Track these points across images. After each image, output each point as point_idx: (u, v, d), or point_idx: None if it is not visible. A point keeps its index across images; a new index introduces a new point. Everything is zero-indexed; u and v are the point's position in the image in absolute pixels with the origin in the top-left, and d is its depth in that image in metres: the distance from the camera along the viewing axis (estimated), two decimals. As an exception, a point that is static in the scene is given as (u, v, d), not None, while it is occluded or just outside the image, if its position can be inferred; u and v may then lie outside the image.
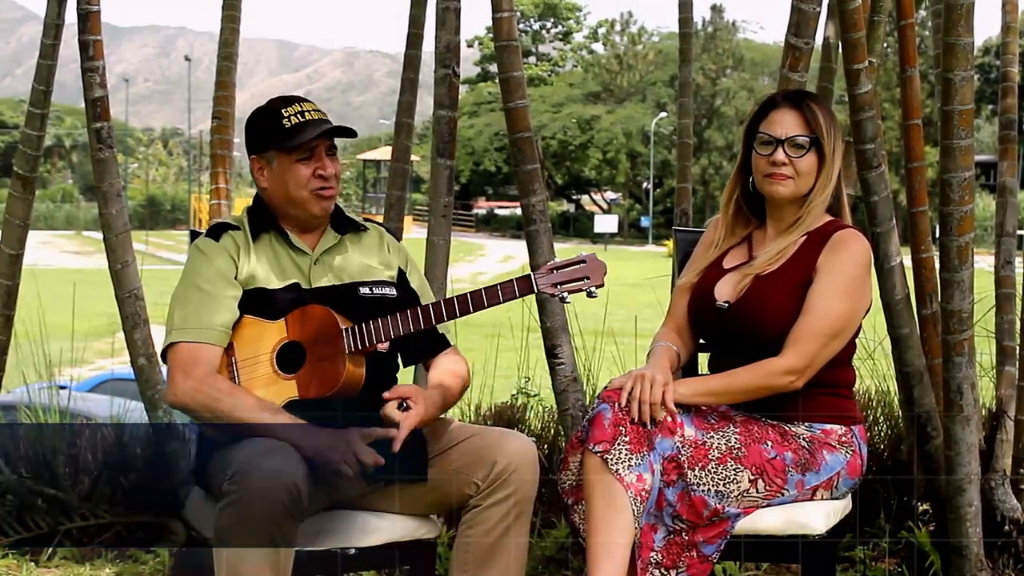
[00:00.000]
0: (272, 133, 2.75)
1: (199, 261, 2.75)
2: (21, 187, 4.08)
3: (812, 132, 2.75)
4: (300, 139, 2.72)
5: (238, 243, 2.78)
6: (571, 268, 2.64)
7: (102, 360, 9.53)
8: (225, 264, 2.74)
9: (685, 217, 4.30)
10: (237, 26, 4.17)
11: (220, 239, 2.77)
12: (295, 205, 2.78)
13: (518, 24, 3.75)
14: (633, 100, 55.53)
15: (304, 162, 2.75)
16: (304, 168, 2.75)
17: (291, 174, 2.75)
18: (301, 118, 2.74)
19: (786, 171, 2.76)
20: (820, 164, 2.76)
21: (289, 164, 2.75)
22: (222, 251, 2.75)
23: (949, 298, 3.20)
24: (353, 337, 2.66)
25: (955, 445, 3.25)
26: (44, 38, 4.01)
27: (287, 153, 2.75)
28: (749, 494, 2.65)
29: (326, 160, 2.77)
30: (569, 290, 2.63)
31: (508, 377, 4.71)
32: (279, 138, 2.74)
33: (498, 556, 2.65)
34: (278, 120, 2.75)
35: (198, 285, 2.72)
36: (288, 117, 2.74)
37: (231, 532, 2.42)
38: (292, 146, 2.73)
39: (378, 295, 2.81)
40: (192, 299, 2.71)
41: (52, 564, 4.01)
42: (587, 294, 2.63)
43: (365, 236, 2.91)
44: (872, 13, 3.74)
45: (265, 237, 2.80)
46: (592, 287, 2.63)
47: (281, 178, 2.77)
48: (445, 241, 3.83)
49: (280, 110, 2.76)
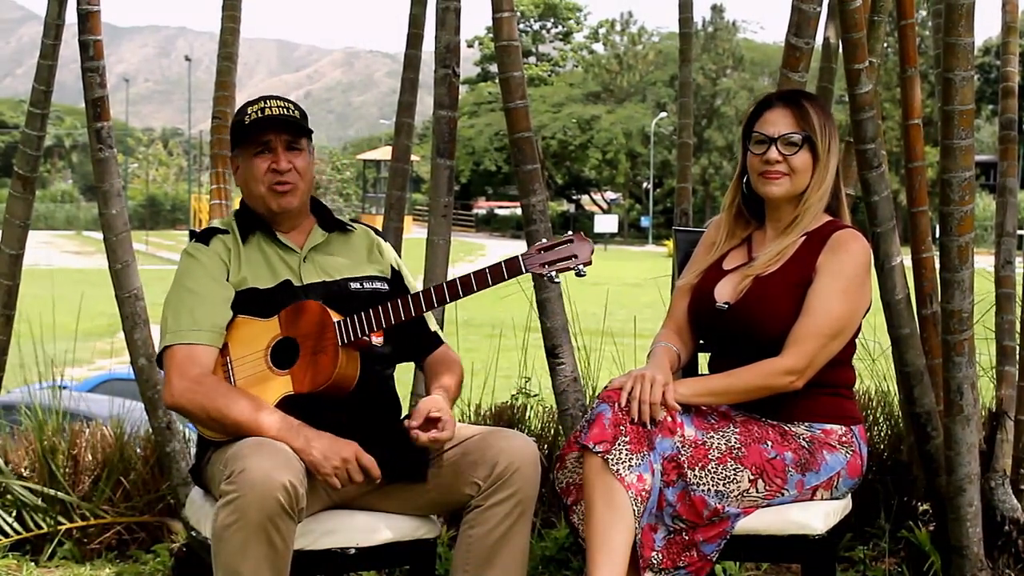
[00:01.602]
0: (236, 131, 2.83)
1: (190, 265, 2.78)
2: (21, 187, 4.08)
3: (804, 130, 2.76)
4: (251, 133, 2.78)
5: (228, 246, 2.81)
6: (559, 248, 2.64)
7: (102, 360, 9.53)
8: (216, 267, 2.76)
9: (685, 217, 4.30)
10: (237, 26, 4.16)
11: (210, 243, 2.81)
12: (257, 201, 2.83)
13: (518, 24, 3.75)
14: (633, 100, 55.53)
15: (260, 156, 2.80)
16: (260, 162, 2.80)
17: (249, 169, 2.82)
18: (260, 114, 2.80)
19: (780, 168, 2.77)
20: (815, 162, 2.77)
21: (248, 159, 2.82)
22: (212, 254, 2.78)
23: (949, 298, 3.20)
24: (345, 329, 2.66)
25: (955, 445, 3.24)
26: (44, 38, 4.01)
27: (245, 148, 2.82)
28: (749, 494, 2.65)
29: (281, 154, 2.79)
30: (558, 269, 2.62)
31: (508, 377, 4.71)
32: (240, 135, 2.82)
33: (499, 556, 2.65)
34: (241, 119, 2.82)
35: (190, 288, 2.74)
36: (249, 115, 2.81)
37: (229, 531, 2.42)
38: (248, 141, 2.80)
39: (370, 290, 2.83)
40: (185, 302, 2.72)
41: (52, 564, 4.01)
42: (575, 273, 2.62)
43: (353, 236, 2.94)
44: (872, 13, 3.74)
45: (253, 238, 2.83)
46: (580, 265, 2.62)
47: (245, 175, 2.84)
48: (445, 241, 3.83)
49: (245, 109, 2.84)
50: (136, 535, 4.17)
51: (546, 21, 71.64)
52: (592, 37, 67.86)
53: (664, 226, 50.43)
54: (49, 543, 4.07)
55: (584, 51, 68.41)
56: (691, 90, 4.46)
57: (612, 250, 43.00)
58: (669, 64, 53.22)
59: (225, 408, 2.61)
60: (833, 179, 2.81)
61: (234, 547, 2.42)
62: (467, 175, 56.48)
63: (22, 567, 3.94)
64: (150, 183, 64.97)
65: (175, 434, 3.93)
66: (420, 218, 46.67)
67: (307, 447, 2.55)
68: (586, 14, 72.67)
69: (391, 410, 2.86)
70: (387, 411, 2.84)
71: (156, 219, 59.67)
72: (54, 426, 4.32)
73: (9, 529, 4.04)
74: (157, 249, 39.97)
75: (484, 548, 2.66)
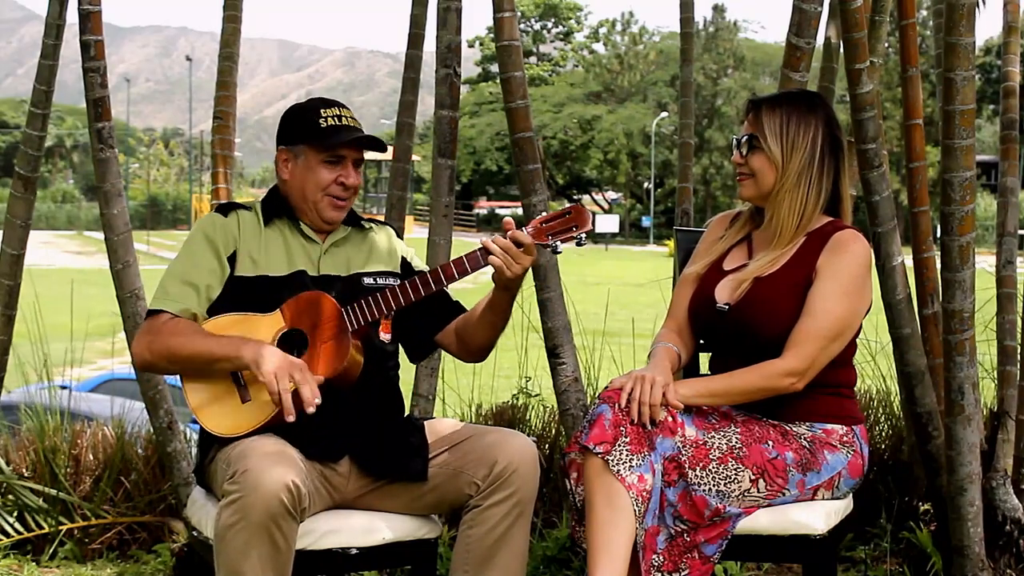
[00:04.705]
0: (307, 128, 2.81)
1: (197, 233, 2.81)
2: (22, 187, 4.09)
3: (752, 132, 2.81)
4: (331, 140, 2.77)
5: (246, 223, 2.82)
6: (559, 220, 2.67)
7: (103, 360, 9.53)
8: (223, 240, 2.78)
9: (686, 217, 4.30)
10: (238, 26, 4.17)
11: (228, 215, 2.83)
12: (309, 205, 2.82)
13: (519, 24, 3.75)
14: (634, 100, 55.53)
15: (329, 165, 2.80)
16: (328, 172, 2.80)
17: (314, 173, 2.80)
18: (338, 121, 2.79)
19: (743, 170, 2.84)
20: (776, 164, 2.78)
21: (315, 163, 2.80)
22: (225, 227, 2.80)
23: (950, 298, 3.20)
24: (353, 313, 2.68)
25: (956, 445, 3.24)
26: (45, 38, 4.01)
27: (316, 152, 2.80)
28: (750, 494, 2.65)
29: (351, 169, 2.82)
30: (561, 239, 2.65)
31: (509, 377, 4.71)
32: (312, 135, 2.79)
33: (499, 556, 2.65)
34: (315, 118, 2.80)
35: (192, 251, 2.77)
36: (325, 118, 2.80)
37: (232, 531, 2.42)
38: (323, 146, 2.78)
39: (382, 284, 2.83)
40: (176, 270, 2.76)
41: (53, 564, 4.01)
42: (576, 242, 2.66)
43: (373, 234, 2.96)
44: (873, 13, 3.74)
45: (277, 223, 2.85)
46: (581, 234, 2.65)
47: (304, 175, 2.82)
48: (446, 241, 3.83)
49: (319, 109, 2.82)
50: (137, 535, 4.17)
51: (547, 21, 71.65)
52: (593, 37, 67.90)
53: (665, 226, 50.43)
54: (50, 543, 4.07)
55: (585, 51, 68.42)
56: (692, 90, 4.46)
57: (613, 250, 42.99)
58: (670, 64, 53.24)
59: (178, 347, 2.65)
60: (818, 180, 2.78)
61: (236, 547, 2.42)
62: (468, 175, 56.51)
63: (23, 567, 3.94)
64: (151, 183, 64.96)
65: (176, 434, 3.93)
66: (421, 218, 46.68)
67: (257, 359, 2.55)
68: (587, 14, 72.71)
69: (394, 409, 2.86)
70: (390, 409, 2.84)
71: (157, 219, 59.68)
72: (55, 426, 4.32)
73: (10, 529, 4.05)
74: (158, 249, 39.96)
75: (483, 548, 2.66)
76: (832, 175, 2.81)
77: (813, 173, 2.78)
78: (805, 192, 2.78)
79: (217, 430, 2.67)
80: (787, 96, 2.86)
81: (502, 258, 2.63)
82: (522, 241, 2.63)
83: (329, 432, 2.69)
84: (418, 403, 3.82)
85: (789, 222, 2.78)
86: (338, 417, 2.70)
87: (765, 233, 2.87)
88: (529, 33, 69.01)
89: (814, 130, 2.78)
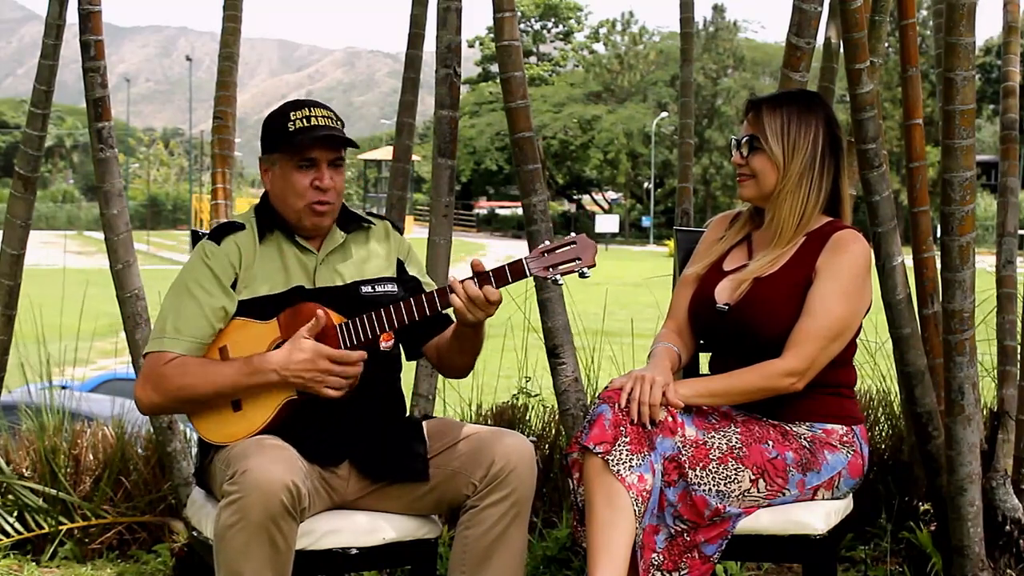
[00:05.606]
0: (278, 134, 2.73)
1: (195, 265, 2.74)
2: (22, 187, 4.09)
3: (753, 132, 2.81)
4: (296, 142, 2.69)
5: (241, 246, 2.75)
6: (562, 250, 2.62)
7: (104, 360, 9.53)
8: (222, 270, 2.72)
9: (686, 217, 4.30)
10: (238, 26, 4.17)
11: (222, 243, 2.75)
12: (290, 212, 2.76)
13: (519, 24, 3.75)
14: (634, 100, 55.51)
15: (303, 170, 2.72)
16: (302, 177, 2.72)
17: (289, 180, 2.73)
18: (306, 123, 2.70)
19: (744, 171, 2.84)
20: (778, 164, 2.78)
21: (289, 170, 2.73)
22: (222, 256, 2.73)
23: (950, 298, 3.20)
24: (349, 333, 2.65)
25: (956, 445, 3.24)
26: (45, 38, 4.01)
27: (288, 157, 2.73)
28: (750, 494, 2.65)
29: (325, 171, 2.72)
30: (562, 272, 2.61)
31: (509, 377, 4.71)
32: (282, 140, 2.72)
33: (496, 556, 2.65)
34: (285, 122, 2.72)
35: (190, 290, 2.71)
36: (294, 121, 2.71)
37: (232, 531, 2.42)
38: (292, 150, 2.71)
39: (380, 293, 2.80)
40: (174, 306, 2.71)
41: (53, 564, 4.01)
42: (579, 275, 2.61)
43: (371, 232, 2.90)
44: (873, 13, 3.74)
45: (272, 237, 2.78)
46: (584, 267, 2.60)
47: (282, 183, 2.75)
48: (446, 241, 3.83)
49: (289, 112, 2.73)
50: (137, 535, 4.17)
51: (547, 21, 71.61)
52: (593, 37, 67.85)
53: (665, 226, 50.42)
54: (50, 543, 4.07)
55: (585, 51, 68.39)
56: (692, 90, 4.46)
57: (613, 250, 42.99)
58: (670, 64, 53.22)
59: (188, 390, 2.63)
60: (819, 180, 2.79)
61: (236, 547, 2.42)
62: (468, 175, 56.48)
63: (23, 567, 3.94)
64: (151, 183, 64.97)
65: (176, 434, 3.93)
66: (421, 218, 46.68)
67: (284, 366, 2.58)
68: (587, 14, 72.66)
69: (395, 411, 2.85)
70: (391, 412, 2.83)
71: (157, 219, 59.70)
72: (55, 426, 4.32)
73: (10, 529, 4.05)
74: (158, 249, 39.97)
75: (480, 548, 2.65)
76: (832, 175, 2.82)
77: (814, 173, 2.78)
78: (806, 192, 2.78)
79: (213, 438, 2.68)
80: (787, 96, 2.86)
81: (466, 304, 2.61)
82: (491, 299, 2.60)
83: (330, 437, 2.69)
84: (418, 403, 3.82)
85: (789, 222, 2.79)
86: (340, 423, 2.69)
87: (765, 233, 2.88)
88: (529, 33, 68.99)
89: (815, 130, 2.78)
